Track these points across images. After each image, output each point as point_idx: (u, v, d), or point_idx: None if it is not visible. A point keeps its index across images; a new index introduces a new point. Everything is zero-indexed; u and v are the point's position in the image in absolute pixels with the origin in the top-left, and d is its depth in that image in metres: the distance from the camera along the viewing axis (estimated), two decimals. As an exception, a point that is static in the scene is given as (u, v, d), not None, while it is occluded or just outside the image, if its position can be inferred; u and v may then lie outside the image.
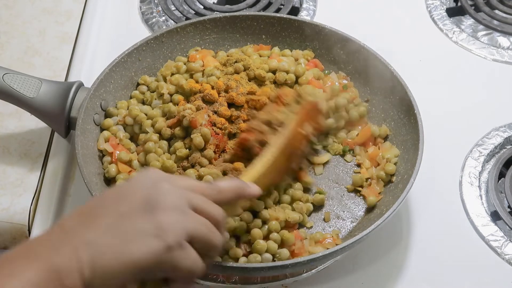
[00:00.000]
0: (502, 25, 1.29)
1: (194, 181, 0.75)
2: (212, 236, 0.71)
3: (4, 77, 1.00)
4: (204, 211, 0.71)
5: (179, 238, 0.67)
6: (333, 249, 0.86)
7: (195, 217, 0.70)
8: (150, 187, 0.69)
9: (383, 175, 0.99)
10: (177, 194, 0.70)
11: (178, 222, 0.68)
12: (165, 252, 0.66)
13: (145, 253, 0.66)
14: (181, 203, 0.69)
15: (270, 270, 0.86)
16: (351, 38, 1.09)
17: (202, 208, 0.71)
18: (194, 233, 0.69)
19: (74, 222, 0.68)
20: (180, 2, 1.32)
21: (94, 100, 1.02)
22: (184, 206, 0.69)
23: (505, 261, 0.98)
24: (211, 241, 0.71)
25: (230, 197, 0.77)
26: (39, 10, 1.29)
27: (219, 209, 0.73)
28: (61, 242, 0.65)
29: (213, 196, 0.74)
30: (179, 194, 0.70)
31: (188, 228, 0.68)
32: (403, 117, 1.02)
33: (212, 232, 0.71)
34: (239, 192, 0.78)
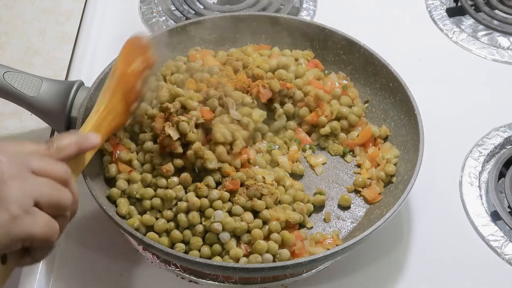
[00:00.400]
0: (502, 25, 1.29)
1: (30, 144, 0.72)
2: (59, 195, 0.69)
3: (5, 76, 1.00)
4: (46, 172, 0.69)
5: (23, 205, 0.65)
6: (334, 250, 0.86)
7: (36, 180, 0.67)
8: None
9: (383, 176, 0.99)
10: (13, 162, 0.67)
11: (19, 189, 0.65)
12: (12, 222, 0.64)
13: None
14: (19, 170, 0.66)
15: (270, 270, 0.86)
16: (351, 39, 1.09)
17: (43, 169, 0.68)
18: (38, 196, 0.66)
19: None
20: (180, 2, 1.32)
21: (94, 100, 1.01)
22: (23, 172, 0.66)
23: (505, 261, 0.98)
24: (60, 200, 0.68)
25: (71, 152, 0.75)
26: (39, 10, 1.29)
27: (62, 165, 0.71)
28: None
29: (53, 155, 0.72)
30: (16, 162, 0.67)
31: (31, 193, 0.66)
32: (403, 118, 1.02)
33: (59, 191, 0.69)
34: (79, 146, 0.76)
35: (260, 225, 0.90)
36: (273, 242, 0.89)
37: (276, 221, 0.90)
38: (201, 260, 0.85)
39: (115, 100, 0.90)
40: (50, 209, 0.67)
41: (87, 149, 0.79)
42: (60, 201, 0.69)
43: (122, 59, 0.93)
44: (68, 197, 0.70)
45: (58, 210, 0.69)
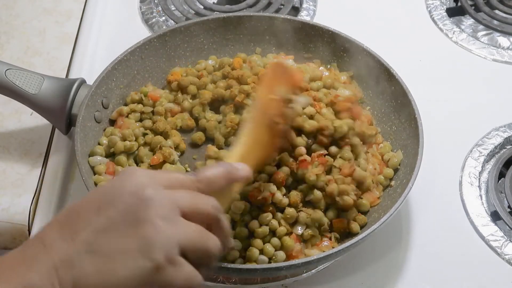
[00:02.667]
0: (502, 25, 1.29)
1: (179, 175, 0.67)
2: (206, 243, 0.64)
3: (7, 73, 1.00)
4: (197, 211, 0.64)
5: (169, 253, 0.60)
6: (328, 253, 0.86)
7: (185, 225, 0.63)
8: (133, 195, 0.62)
9: (382, 179, 0.99)
10: (162, 201, 0.62)
11: (167, 235, 0.60)
12: (154, 271, 0.59)
13: (132, 274, 0.59)
14: (168, 211, 0.62)
15: (264, 272, 0.86)
16: (354, 41, 1.09)
17: (194, 209, 0.64)
18: (185, 244, 0.62)
19: (52, 234, 0.61)
20: (180, 2, 1.32)
21: (95, 98, 1.02)
22: (171, 214, 0.62)
23: (505, 261, 0.98)
24: (206, 249, 0.64)
25: (221, 184, 0.69)
26: (39, 10, 1.29)
27: (212, 200, 0.66)
28: (39, 259, 0.60)
29: (202, 189, 0.67)
30: (165, 200, 0.62)
31: (178, 240, 0.61)
32: (404, 121, 1.02)
33: (206, 238, 0.64)
34: (229, 176, 0.70)
35: (266, 233, 0.90)
36: (270, 245, 0.89)
37: (283, 227, 0.90)
38: None
39: (259, 130, 0.83)
40: (196, 257, 0.63)
41: (237, 180, 0.73)
42: (208, 250, 0.64)
43: (263, 87, 0.88)
44: (216, 245, 0.65)
45: (204, 259, 0.64)
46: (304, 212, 0.92)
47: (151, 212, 0.61)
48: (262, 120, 0.85)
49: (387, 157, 1.00)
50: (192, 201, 0.64)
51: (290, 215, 0.91)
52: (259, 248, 0.89)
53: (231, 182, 0.72)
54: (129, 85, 1.08)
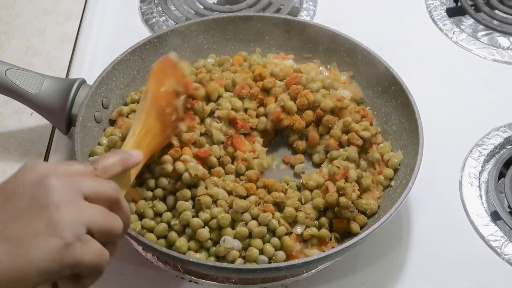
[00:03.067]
0: (502, 25, 1.29)
1: (78, 165, 0.71)
2: (110, 222, 0.68)
3: (7, 73, 1.01)
4: (97, 194, 0.68)
5: (76, 232, 0.64)
6: (328, 253, 0.86)
7: (88, 206, 0.67)
8: (36, 184, 0.66)
9: (382, 180, 0.99)
10: (65, 186, 0.66)
11: (72, 216, 0.64)
12: (64, 249, 0.63)
13: (44, 254, 0.62)
14: (71, 195, 0.66)
15: (264, 272, 0.86)
16: (355, 41, 1.09)
17: (95, 192, 0.68)
18: (91, 223, 0.66)
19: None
20: (180, 2, 1.32)
21: (95, 98, 1.02)
22: (74, 197, 0.66)
23: (505, 261, 0.98)
24: (110, 227, 0.68)
25: (117, 171, 0.74)
26: (39, 10, 1.29)
27: (111, 183, 0.71)
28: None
29: (100, 176, 0.72)
30: (67, 185, 0.66)
31: (84, 220, 0.65)
32: (404, 122, 1.02)
33: (110, 218, 0.68)
34: (124, 163, 0.76)
35: (265, 233, 0.90)
36: (270, 245, 0.89)
37: (283, 226, 0.91)
38: (195, 260, 0.85)
39: (150, 120, 0.89)
40: (101, 236, 0.67)
41: (132, 165, 0.78)
42: (112, 229, 0.68)
43: (152, 80, 0.93)
44: (118, 224, 0.69)
45: (109, 237, 0.68)
46: (302, 211, 0.92)
47: (56, 197, 0.65)
48: (153, 110, 0.90)
49: (387, 157, 1.00)
50: (92, 185, 0.69)
51: (290, 214, 0.91)
52: (259, 248, 0.89)
53: (126, 169, 0.77)
54: (129, 85, 1.08)
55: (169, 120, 0.93)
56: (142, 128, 0.88)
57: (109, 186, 0.70)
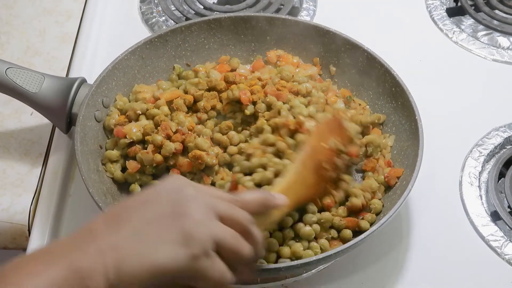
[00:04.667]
0: (502, 25, 1.29)
1: (219, 191, 0.75)
2: (239, 246, 0.69)
3: (7, 71, 1.01)
4: (231, 218, 0.70)
5: (205, 246, 0.66)
6: (328, 253, 0.86)
7: (221, 225, 0.69)
8: (176, 193, 0.69)
9: (382, 180, 0.99)
10: (203, 201, 0.69)
11: (205, 230, 0.67)
12: (191, 260, 0.65)
13: (170, 259, 0.65)
14: (207, 211, 0.68)
15: (264, 272, 0.86)
16: (355, 42, 1.09)
17: (229, 215, 0.70)
18: (221, 242, 0.68)
19: (100, 225, 0.67)
20: (180, 2, 1.32)
21: (95, 97, 1.02)
22: (210, 214, 0.68)
23: (505, 261, 0.98)
24: (239, 251, 0.69)
25: (255, 208, 0.75)
26: (39, 10, 1.29)
27: (246, 213, 0.72)
28: (87, 244, 0.65)
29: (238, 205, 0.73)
30: (205, 201, 0.69)
31: (215, 237, 0.67)
32: (405, 123, 1.02)
33: (240, 242, 0.70)
34: (265, 203, 0.76)
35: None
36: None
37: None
38: None
39: (305, 172, 0.89)
40: (229, 257, 0.69)
41: (271, 207, 0.78)
42: (240, 252, 0.69)
43: (315, 134, 0.93)
44: (248, 250, 0.70)
45: (236, 260, 0.69)
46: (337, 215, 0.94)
47: (192, 208, 0.67)
48: (309, 163, 0.90)
49: None
50: (228, 208, 0.70)
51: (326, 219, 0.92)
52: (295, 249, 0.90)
53: (266, 208, 0.77)
54: (129, 85, 1.08)
55: (324, 176, 0.92)
56: (296, 177, 0.88)
57: (243, 214, 0.71)
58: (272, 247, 0.89)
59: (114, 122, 1.02)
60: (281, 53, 1.12)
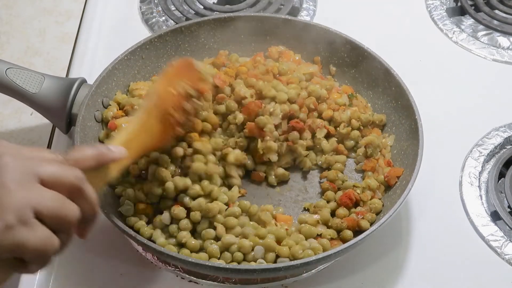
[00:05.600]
0: (502, 25, 1.29)
1: (45, 152, 0.69)
2: (63, 209, 0.65)
3: (7, 72, 1.01)
4: (56, 179, 0.66)
5: (21, 215, 0.62)
6: (328, 253, 0.86)
7: (41, 191, 0.64)
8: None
9: (382, 180, 0.99)
10: (21, 168, 0.64)
11: (18, 197, 0.62)
12: (4, 230, 0.61)
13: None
14: (25, 176, 0.64)
15: (263, 272, 0.86)
16: (356, 42, 1.09)
17: (53, 177, 0.66)
18: (40, 208, 0.63)
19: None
20: (180, 2, 1.32)
21: (95, 97, 1.02)
22: (27, 179, 0.64)
23: (505, 261, 0.98)
24: (63, 215, 0.65)
25: (89, 164, 0.72)
26: (39, 10, 1.29)
27: (75, 171, 0.68)
28: None
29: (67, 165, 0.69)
30: (24, 167, 0.64)
31: (33, 203, 0.63)
32: (404, 123, 1.02)
33: (64, 205, 0.65)
34: (99, 158, 0.73)
35: None
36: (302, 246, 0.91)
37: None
38: (195, 260, 0.85)
39: (151, 120, 0.87)
40: (52, 222, 0.65)
41: (107, 161, 0.76)
42: (64, 216, 0.65)
43: (163, 80, 0.91)
44: (74, 212, 0.66)
45: (61, 225, 0.66)
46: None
47: (6, 177, 0.63)
48: (155, 111, 0.88)
49: None
50: (52, 170, 0.66)
51: None
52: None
53: (102, 163, 0.75)
54: (129, 85, 1.08)
55: (172, 123, 0.91)
56: (140, 127, 0.86)
57: (71, 173, 0.67)
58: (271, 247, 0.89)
59: (111, 115, 1.02)
60: (283, 49, 1.12)
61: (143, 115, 0.87)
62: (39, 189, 0.64)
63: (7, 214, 0.61)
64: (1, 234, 0.61)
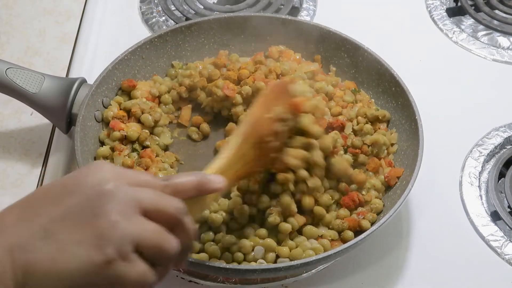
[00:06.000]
0: (502, 25, 1.29)
1: (147, 176, 0.67)
2: (163, 242, 0.64)
3: (7, 72, 1.01)
4: (158, 211, 0.64)
5: (121, 249, 0.60)
6: (328, 253, 0.86)
7: (142, 222, 0.63)
8: (94, 188, 0.63)
9: (382, 180, 0.99)
10: (123, 197, 0.63)
11: (121, 231, 0.61)
12: (105, 264, 0.60)
13: (82, 265, 0.60)
14: (127, 207, 0.62)
15: (263, 272, 0.86)
16: (355, 42, 1.09)
17: (155, 208, 0.64)
18: (140, 241, 0.62)
19: (12, 217, 0.62)
20: (180, 2, 1.32)
21: (95, 97, 1.02)
22: (130, 211, 0.62)
23: (505, 261, 0.98)
24: (162, 248, 0.64)
25: (189, 193, 0.70)
26: (39, 10, 1.29)
27: (176, 202, 0.66)
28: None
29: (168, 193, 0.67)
30: (125, 197, 0.63)
31: (133, 237, 0.61)
32: (404, 123, 1.02)
33: (163, 238, 0.64)
34: (199, 187, 0.71)
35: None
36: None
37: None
38: (195, 260, 0.85)
39: (246, 146, 0.82)
40: (151, 256, 0.63)
41: (208, 192, 0.72)
42: (164, 250, 0.64)
43: (259, 104, 0.87)
44: (172, 246, 0.64)
45: (160, 259, 0.64)
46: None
47: (109, 207, 0.61)
48: (251, 137, 0.84)
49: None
50: (154, 200, 0.65)
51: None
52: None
53: (201, 193, 0.72)
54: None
55: (267, 149, 0.86)
56: (236, 153, 0.81)
57: (172, 204, 0.66)
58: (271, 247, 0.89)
59: (112, 115, 1.02)
60: (283, 49, 1.12)
61: (239, 142, 0.83)
62: (140, 221, 0.63)
63: (108, 248, 0.60)
64: (102, 269, 0.60)
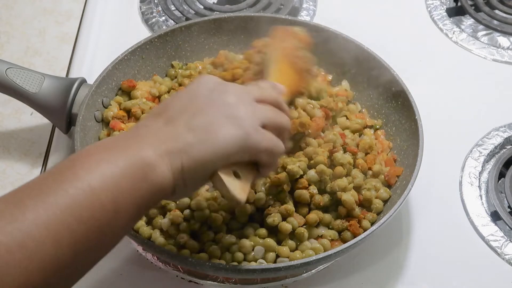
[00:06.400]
0: (502, 25, 1.29)
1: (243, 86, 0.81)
2: (280, 118, 0.79)
3: (7, 72, 1.01)
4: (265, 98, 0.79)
5: (253, 124, 0.74)
6: (328, 253, 0.86)
7: (260, 106, 0.77)
8: (216, 86, 0.76)
9: (382, 179, 0.99)
10: (238, 90, 0.77)
11: (248, 112, 0.75)
12: (245, 136, 0.73)
13: (230, 139, 0.72)
14: (246, 98, 0.76)
15: (263, 272, 0.86)
16: (355, 42, 1.08)
17: (262, 96, 0.79)
18: (264, 118, 0.76)
19: (154, 122, 0.73)
20: (180, 2, 1.32)
21: (95, 97, 1.02)
22: (248, 98, 0.76)
23: (505, 261, 0.98)
24: (281, 122, 0.79)
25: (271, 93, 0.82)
26: (39, 10, 1.29)
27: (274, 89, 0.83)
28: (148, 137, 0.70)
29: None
30: (241, 92, 0.77)
31: (258, 115, 0.75)
32: (404, 123, 1.02)
33: (279, 115, 0.79)
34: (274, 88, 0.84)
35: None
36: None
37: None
38: (195, 260, 0.85)
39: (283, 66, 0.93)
40: (274, 130, 0.77)
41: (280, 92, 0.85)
42: (282, 123, 0.79)
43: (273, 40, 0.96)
44: (286, 119, 0.80)
45: (279, 131, 0.78)
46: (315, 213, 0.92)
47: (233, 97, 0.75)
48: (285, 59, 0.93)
49: None
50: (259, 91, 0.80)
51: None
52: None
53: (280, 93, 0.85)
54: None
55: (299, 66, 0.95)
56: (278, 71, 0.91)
57: (272, 91, 0.82)
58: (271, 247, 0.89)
59: (112, 115, 1.02)
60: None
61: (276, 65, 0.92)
62: (257, 105, 0.77)
63: (245, 124, 0.73)
64: (244, 138, 0.73)
